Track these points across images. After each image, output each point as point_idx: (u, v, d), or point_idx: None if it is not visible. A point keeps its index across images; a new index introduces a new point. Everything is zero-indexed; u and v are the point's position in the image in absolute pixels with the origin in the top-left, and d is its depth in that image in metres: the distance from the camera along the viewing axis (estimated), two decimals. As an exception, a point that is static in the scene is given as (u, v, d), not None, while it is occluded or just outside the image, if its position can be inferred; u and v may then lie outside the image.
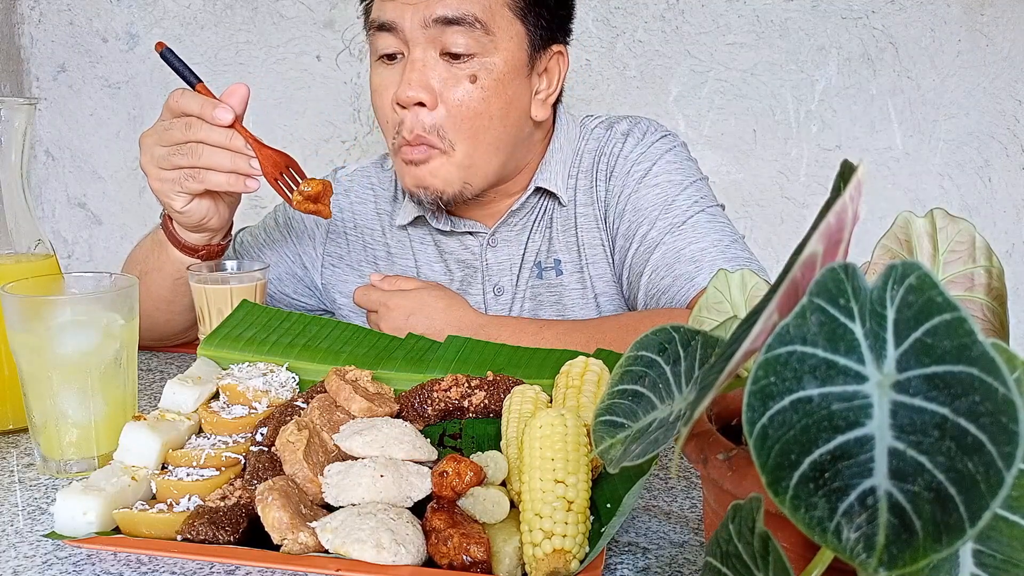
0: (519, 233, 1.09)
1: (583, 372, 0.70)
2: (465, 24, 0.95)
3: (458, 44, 0.95)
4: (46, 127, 1.87)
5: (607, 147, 1.08)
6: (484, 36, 0.96)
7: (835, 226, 0.34)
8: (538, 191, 1.08)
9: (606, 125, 1.10)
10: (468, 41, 0.95)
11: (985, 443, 0.28)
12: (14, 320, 0.69)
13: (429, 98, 0.96)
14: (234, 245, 1.17)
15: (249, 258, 1.14)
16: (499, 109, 0.98)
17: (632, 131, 1.08)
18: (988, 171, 1.68)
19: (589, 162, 1.08)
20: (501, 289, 1.10)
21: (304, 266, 1.17)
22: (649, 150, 1.06)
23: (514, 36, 0.98)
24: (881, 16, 1.64)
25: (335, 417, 0.68)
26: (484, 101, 0.97)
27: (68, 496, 0.58)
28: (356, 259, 1.16)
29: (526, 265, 1.09)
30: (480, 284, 1.10)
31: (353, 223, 1.17)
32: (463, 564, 0.52)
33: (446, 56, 0.96)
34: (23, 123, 0.80)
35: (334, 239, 1.17)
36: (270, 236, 1.17)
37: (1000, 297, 0.47)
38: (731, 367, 0.34)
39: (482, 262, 1.10)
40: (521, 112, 1.02)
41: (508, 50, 0.98)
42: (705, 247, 0.98)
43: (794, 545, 0.40)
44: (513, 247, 1.09)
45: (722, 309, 0.53)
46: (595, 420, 0.47)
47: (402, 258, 1.14)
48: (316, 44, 1.75)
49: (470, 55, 0.96)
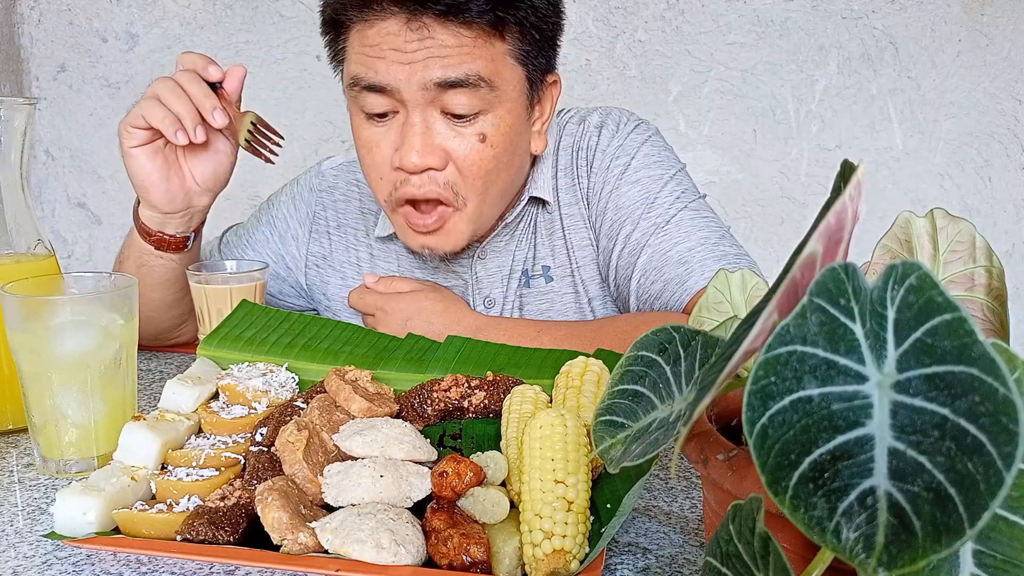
0: (508, 243, 1.05)
1: (583, 372, 0.70)
2: (469, 85, 0.87)
3: (462, 106, 0.88)
4: (46, 127, 1.88)
5: (582, 141, 1.04)
6: (489, 93, 0.88)
7: (835, 226, 0.34)
8: (529, 200, 1.04)
9: (578, 119, 1.06)
10: (472, 101, 0.88)
11: (985, 443, 0.28)
12: (14, 320, 0.69)
13: (440, 161, 0.89)
14: (220, 244, 1.15)
15: (233, 258, 1.11)
16: (507, 160, 0.94)
17: (606, 123, 1.04)
18: (988, 171, 1.68)
19: (567, 159, 1.05)
20: (492, 301, 1.06)
21: (288, 267, 1.13)
22: (626, 142, 1.02)
23: (516, 83, 0.91)
24: (881, 16, 1.64)
25: (335, 417, 0.68)
26: (495, 159, 0.91)
27: (68, 496, 0.58)
28: (339, 260, 1.12)
29: (514, 275, 1.06)
30: (471, 297, 1.06)
31: (337, 223, 1.12)
32: (463, 564, 0.52)
33: (448, 115, 0.89)
34: (23, 123, 0.80)
35: (317, 239, 1.12)
36: (252, 237, 1.14)
37: (1000, 297, 0.47)
38: (731, 367, 0.34)
39: (472, 275, 1.06)
40: (524, 152, 0.98)
41: (512, 99, 0.91)
42: (692, 247, 0.96)
43: (794, 545, 0.40)
44: (503, 257, 1.06)
45: (722, 309, 0.53)
46: (595, 420, 0.47)
47: (385, 261, 1.10)
48: (316, 44, 1.74)
49: (475, 114, 0.89)
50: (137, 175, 0.92)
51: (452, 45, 0.86)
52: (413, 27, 0.85)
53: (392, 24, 0.86)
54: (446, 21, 0.85)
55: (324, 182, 1.14)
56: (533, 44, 0.91)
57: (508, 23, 0.88)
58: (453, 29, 0.85)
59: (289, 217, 1.13)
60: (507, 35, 0.89)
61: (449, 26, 0.85)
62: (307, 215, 1.13)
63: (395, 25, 0.86)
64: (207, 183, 0.95)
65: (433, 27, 0.85)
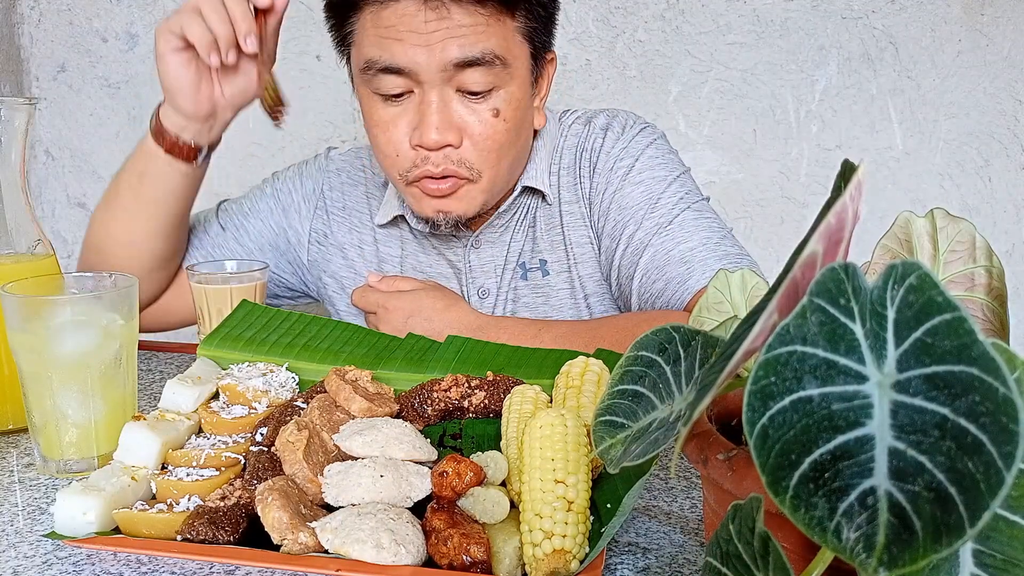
0: (502, 234, 1.07)
1: (583, 372, 0.70)
2: (485, 63, 0.90)
3: (477, 83, 0.91)
4: (46, 127, 1.87)
5: (587, 143, 1.06)
6: (503, 70, 0.92)
7: (835, 226, 0.34)
8: (524, 190, 1.05)
9: (584, 120, 1.08)
10: (487, 78, 0.91)
11: (985, 443, 0.28)
12: (14, 320, 0.69)
13: (456, 138, 0.92)
14: (217, 214, 1.14)
15: (232, 227, 1.12)
16: (516, 133, 0.97)
17: (611, 125, 1.06)
18: (988, 171, 1.68)
19: (570, 159, 1.06)
20: (486, 291, 1.07)
21: (288, 240, 1.14)
22: (630, 145, 1.04)
23: (524, 59, 0.95)
24: (881, 16, 1.64)
25: (335, 417, 0.68)
26: (507, 132, 0.95)
27: (68, 496, 0.58)
28: (341, 241, 1.13)
29: (509, 266, 1.07)
30: (464, 287, 1.08)
31: (343, 203, 1.14)
32: (463, 564, 0.52)
33: (462, 92, 0.92)
34: (23, 123, 0.80)
35: (321, 216, 1.14)
36: (255, 206, 1.14)
37: (1000, 297, 0.47)
38: (731, 367, 0.34)
39: (465, 264, 1.08)
40: (529, 126, 1.01)
41: (521, 76, 0.95)
42: (694, 246, 0.97)
43: (794, 545, 0.40)
44: (496, 248, 1.07)
45: (722, 309, 0.53)
46: (595, 420, 0.47)
47: (387, 246, 1.11)
48: (316, 44, 1.75)
49: (488, 91, 0.92)
50: (168, 78, 0.92)
51: (468, 24, 0.89)
52: (431, 7, 0.88)
53: (409, 5, 0.89)
54: (462, 1, 0.88)
55: (332, 164, 1.16)
56: (538, 21, 0.95)
57: (519, 1, 0.91)
58: (469, 7, 0.89)
59: (294, 191, 1.15)
60: (517, 13, 0.92)
61: (465, 4, 0.88)
62: (313, 191, 1.15)
63: (412, 6, 0.88)
64: (234, 98, 0.96)
65: (450, 6, 0.88)
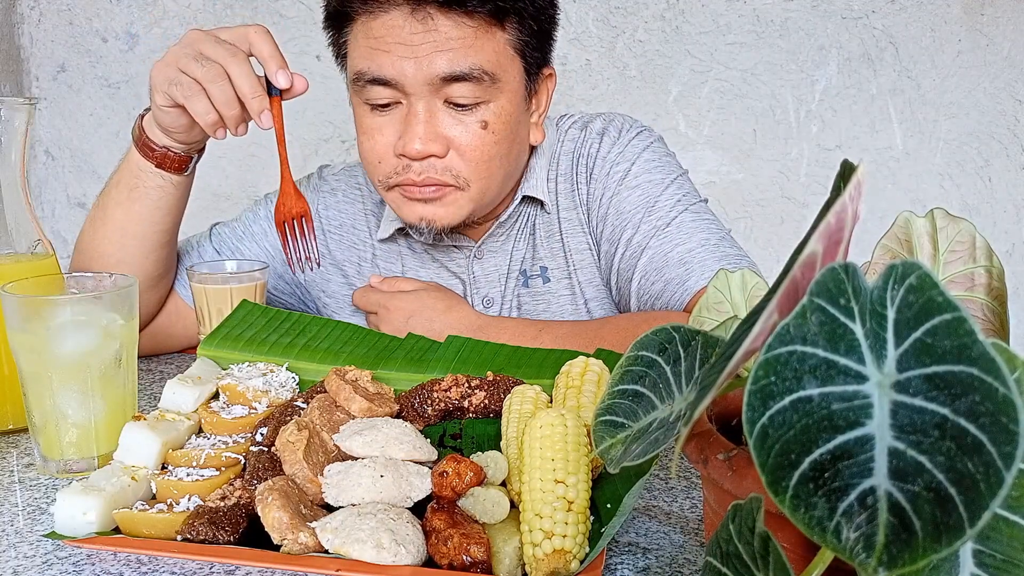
0: (504, 243, 1.06)
1: (583, 372, 0.70)
2: (472, 79, 0.89)
3: (465, 97, 0.90)
4: (46, 127, 1.87)
5: (583, 148, 1.05)
6: (491, 85, 0.91)
7: (835, 226, 0.34)
8: (524, 199, 1.05)
9: (580, 125, 1.07)
10: (475, 92, 0.90)
11: (985, 443, 0.28)
12: (14, 320, 0.69)
13: (441, 149, 0.91)
14: (210, 238, 1.12)
15: (227, 250, 1.11)
16: (508, 147, 0.95)
17: (607, 129, 1.05)
18: (988, 171, 1.68)
19: (567, 165, 1.06)
20: (491, 300, 1.07)
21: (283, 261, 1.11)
22: (627, 149, 1.03)
23: (516, 74, 0.94)
24: (881, 16, 1.64)
25: (335, 417, 0.68)
26: (497, 145, 0.93)
27: (68, 496, 0.58)
28: (340, 259, 1.12)
29: (512, 274, 1.06)
30: (470, 297, 1.07)
31: (339, 222, 1.13)
32: (463, 564, 0.52)
33: (450, 104, 0.91)
34: (23, 123, 0.80)
35: (318, 236, 1.12)
36: (249, 229, 1.12)
37: (1000, 297, 0.47)
38: (731, 367, 0.34)
39: (469, 274, 1.07)
40: (523, 141, 1.00)
41: (512, 90, 0.94)
42: (693, 248, 0.96)
43: (794, 545, 0.40)
44: (499, 257, 1.06)
45: (722, 309, 0.53)
46: (595, 420, 0.47)
47: (387, 261, 1.11)
48: (316, 44, 1.75)
49: (477, 104, 0.91)
50: (164, 119, 0.89)
51: (456, 36, 0.88)
52: (418, 17, 0.88)
53: (396, 16, 0.88)
54: (449, 11, 0.87)
55: (326, 185, 1.15)
56: (531, 35, 0.94)
57: (508, 13, 0.90)
58: (456, 19, 0.88)
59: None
60: (507, 25, 0.91)
61: (452, 16, 0.88)
62: None
63: (400, 17, 0.88)
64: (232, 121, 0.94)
65: (437, 17, 0.88)
